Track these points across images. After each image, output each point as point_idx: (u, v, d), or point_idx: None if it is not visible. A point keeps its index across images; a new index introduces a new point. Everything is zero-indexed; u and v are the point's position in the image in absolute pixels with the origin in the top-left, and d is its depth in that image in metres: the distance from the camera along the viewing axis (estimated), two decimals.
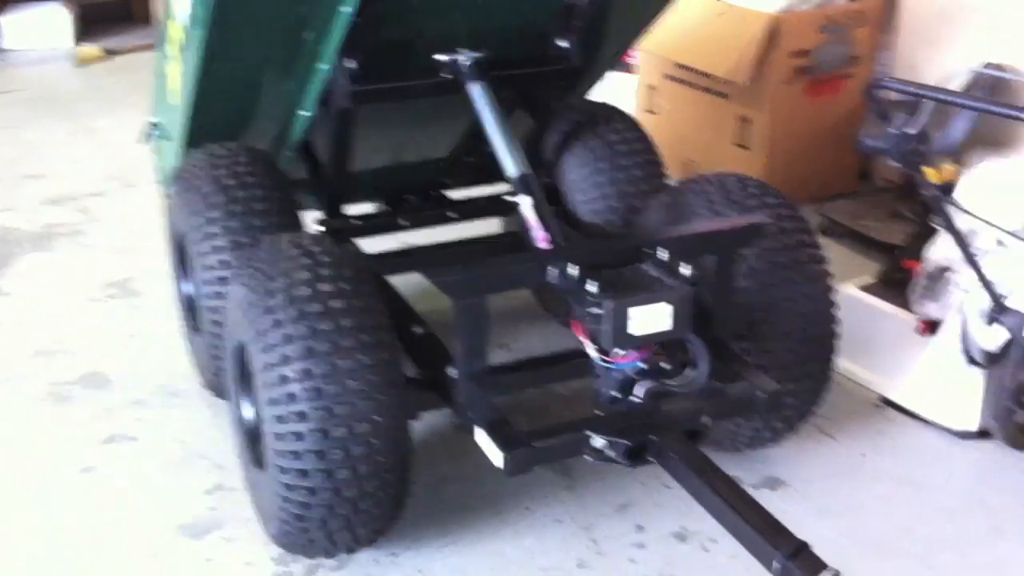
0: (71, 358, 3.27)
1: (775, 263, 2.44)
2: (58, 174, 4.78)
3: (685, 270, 2.15)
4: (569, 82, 2.98)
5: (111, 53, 6.59)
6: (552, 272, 2.14)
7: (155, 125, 3.51)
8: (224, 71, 2.76)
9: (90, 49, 6.56)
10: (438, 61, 2.69)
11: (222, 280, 2.67)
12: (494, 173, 3.61)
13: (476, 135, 3.34)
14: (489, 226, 3.43)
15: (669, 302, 2.07)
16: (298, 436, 2.11)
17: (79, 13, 6.89)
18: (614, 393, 2.17)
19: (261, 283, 2.23)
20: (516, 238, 3.16)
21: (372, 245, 3.13)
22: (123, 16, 7.34)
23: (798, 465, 2.67)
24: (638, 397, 2.14)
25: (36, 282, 3.78)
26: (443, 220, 3.23)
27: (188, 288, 3.04)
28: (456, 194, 3.35)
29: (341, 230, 3.03)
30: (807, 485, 2.61)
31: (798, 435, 2.67)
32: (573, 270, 2.13)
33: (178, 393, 3.07)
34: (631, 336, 2.06)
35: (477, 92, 2.65)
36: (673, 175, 3.53)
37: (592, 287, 2.08)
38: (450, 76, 2.69)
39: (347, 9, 2.44)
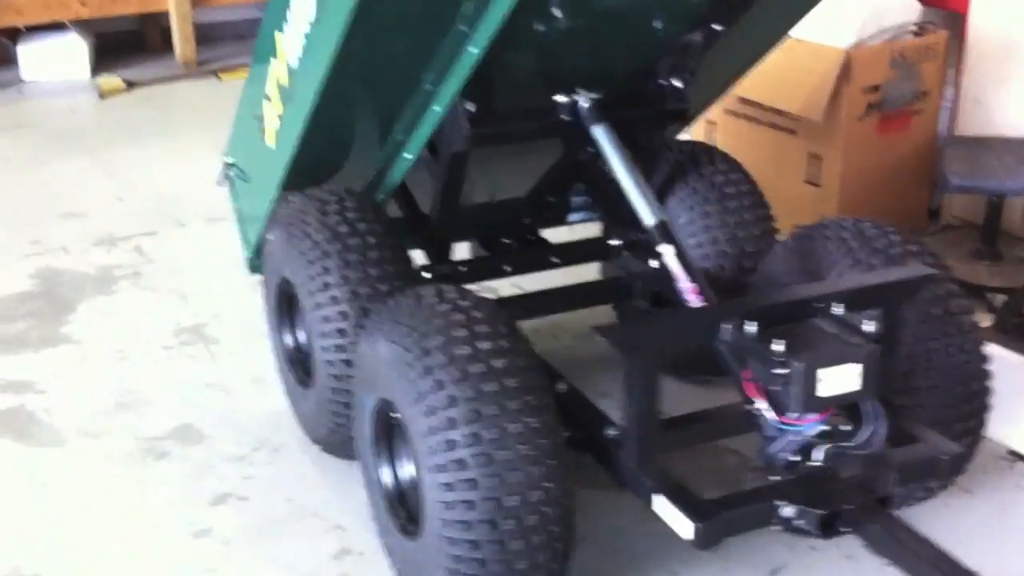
0: (157, 411, 3.15)
1: (929, 315, 2.38)
2: (101, 212, 4.64)
3: (868, 326, 2.08)
4: (679, 123, 2.91)
5: (131, 85, 6.45)
6: (726, 329, 2.07)
7: (231, 165, 3.41)
8: (336, 115, 2.68)
9: (111, 81, 6.42)
10: (557, 103, 2.62)
11: (342, 333, 2.58)
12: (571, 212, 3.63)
13: (560, 173, 3.29)
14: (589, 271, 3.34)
15: (858, 362, 2.00)
16: (469, 505, 2.01)
17: (94, 43, 6.75)
18: (792, 456, 2.09)
19: (414, 341, 2.14)
20: (620, 283, 3.09)
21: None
22: (136, 45, 7.20)
23: (940, 520, 2.60)
24: (818, 461, 2.07)
25: (104, 329, 3.65)
26: (546, 265, 3.14)
27: (293, 339, 2.94)
28: (552, 236, 3.27)
29: (449, 277, 2.94)
30: (955, 543, 2.53)
31: None
32: (751, 327, 2.05)
33: (279, 448, 2.95)
34: (819, 398, 1.99)
35: (601, 135, 2.58)
36: None
37: (778, 346, 2.00)
38: (568, 118, 2.62)
39: (475, 51, 2.36)
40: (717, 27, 2.61)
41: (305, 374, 2.88)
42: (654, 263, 2.95)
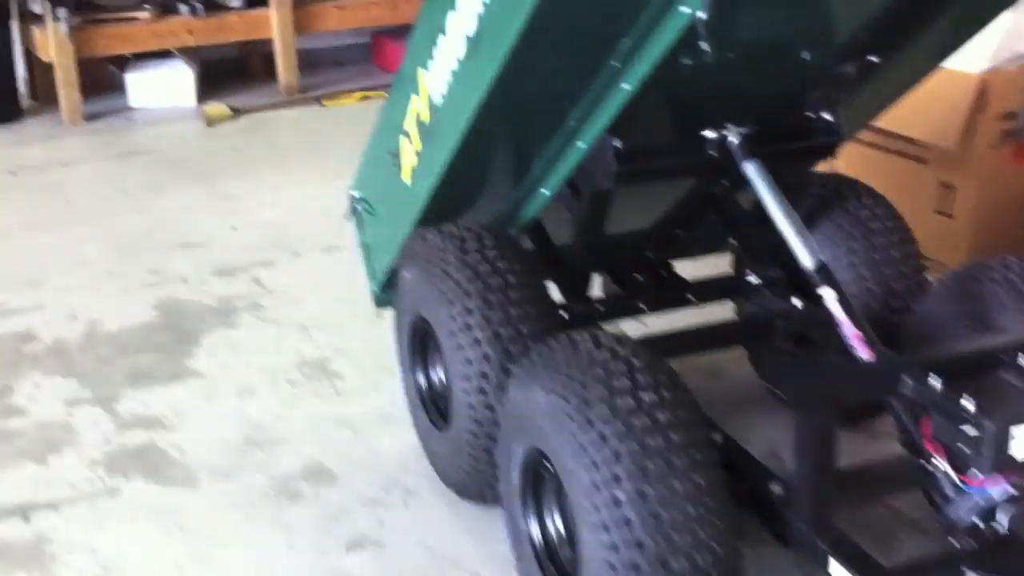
0: (286, 449, 3.12)
1: None
2: (217, 242, 4.66)
3: None
4: (829, 157, 2.81)
5: (237, 112, 6.51)
6: (908, 382, 1.96)
7: (359, 200, 3.38)
8: (478, 153, 2.63)
9: (218, 108, 6.49)
10: (706, 139, 2.54)
11: (484, 376, 2.52)
12: (699, 246, 3.53)
13: (692, 206, 3.19)
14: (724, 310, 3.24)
15: None
16: (635, 568, 1.93)
17: (198, 70, 6.82)
18: (974, 519, 1.97)
19: (573, 391, 2.08)
20: (758, 323, 2.99)
21: None
22: (240, 72, 7.29)
23: None
24: (1002, 525, 1.95)
25: (227, 362, 3.64)
26: (682, 302, 3.05)
27: (428, 379, 2.89)
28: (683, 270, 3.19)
29: (587, 316, 2.87)
30: None
31: None
32: (935, 381, 1.95)
33: (413, 491, 2.90)
34: (1012, 459, 1.87)
35: (753, 172, 2.49)
36: None
37: (968, 403, 1.89)
38: (716, 154, 2.53)
39: (628, 87, 2.30)
40: (874, 59, 2.50)
41: (440, 416, 2.83)
42: (797, 302, 2.89)
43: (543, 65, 2.27)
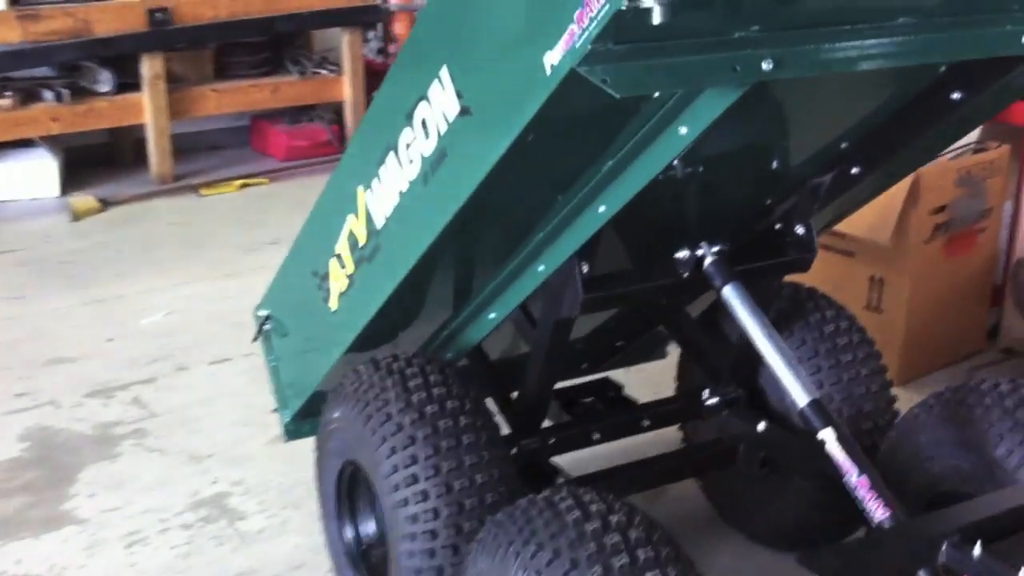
0: None
1: None
2: (90, 356, 4.20)
3: None
4: (800, 272, 2.59)
5: (106, 204, 6.04)
6: (947, 550, 1.72)
7: (268, 319, 3.02)
8: (424, 280, 2.32)
9: (85, 200, 6.00)
10: (678, 260, 2.29)
11: (433, 535, 2.19)
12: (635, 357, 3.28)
13: (636, 320, 2.96)
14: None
15: None
16: None
17: (63, 159, 6.34)
18: None
19: (564, 571, 1.76)
20: (722, 448, 2.73)
21: None
22: (108, 160, 6.80)
23: None
24: None
25: (110, 504, 3.21)
26: (637, 429, 2.78)
27: (357, 532, 2.54)
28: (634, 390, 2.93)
29: (539, 451, 2.57)
30: None
31: None
32: (976, 547, 1.71)
33: None
34: None
35: (733, 296, 2.24)
36: None
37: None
38: (688, 274, 2.29)
39: (605, 210, 2.03)
40: (855, 170, 2.30)
41: (373, 573, 2.48)
42: (761, 425, 2.65)
43: (516, 189, 1.99)
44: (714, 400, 2.73)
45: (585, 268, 2.19)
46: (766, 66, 1.61)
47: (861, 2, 1.70)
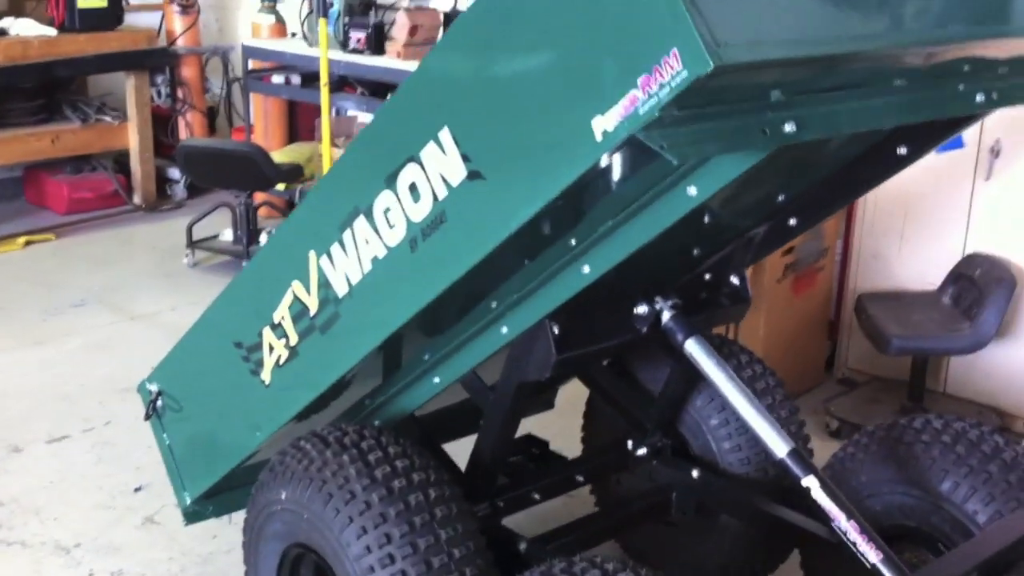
0: None
1: None
2: None
3: None
4: (735, 322, 2.65)
5: None
6: None
7: (160, 394, 2.80)
8: (387, 347, 2.22)
9: None
10: (637, 315, 2.30)
11: None
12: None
13: None
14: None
15: None
16: None
17: None
18: None
19: None
20: (656, 498, 2.74)
21: None
22: None
23: None
24: None
25: None
26: (572, 485, 2.76)
27: None
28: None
29: (492, 516, 2.50)
30: None
31: None
32: None
33: None
34: None
35: (696, 349, 2.27)
36: None
37: None
38: (645, 330, 2.30)
39: (588, 270, 2.01)
40: (792, 222, 2.38)
41: None
42: (695, 472, 2.69)
43: (515, 251, 1.93)
44: (643, 451, 2.75)
45: (556, 329, 2.16)
46: (789, 128, 1.65)
47: (866, 67, 1.77)
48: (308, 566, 2.41)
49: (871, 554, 2.03)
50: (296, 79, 6.05)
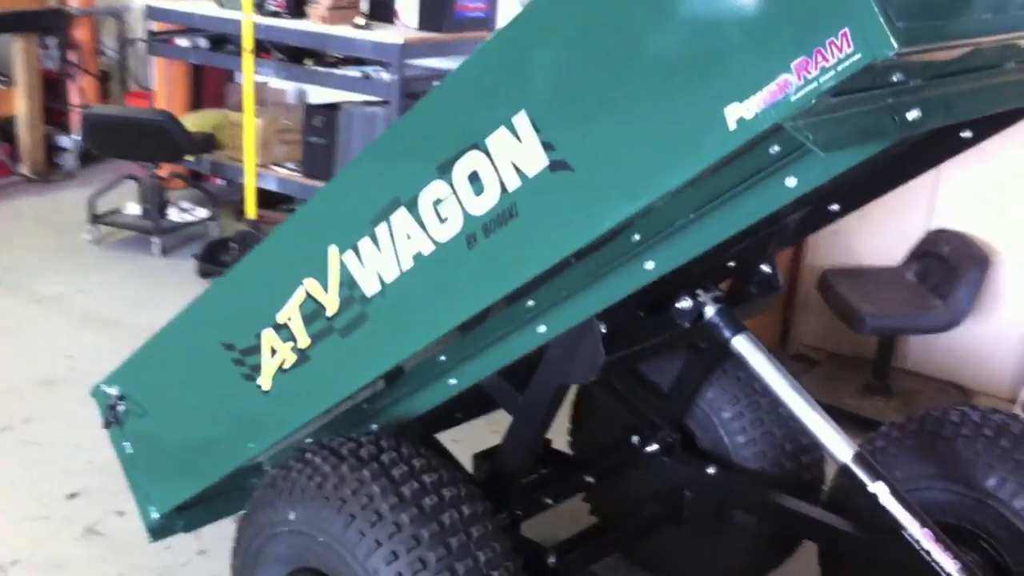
0: None
1: None
2: None
3: None
4: (765, 312, 2.50)
5: None
6: None
7: (120, 398, 2.52)
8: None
9: None
10: (679, 310, 2.12)
11: None
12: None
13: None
14: None
15: None
16: None
17: None
18: None
19: None
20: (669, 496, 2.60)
21: None
22: None
23: None
24: None
25: None
26: (582, 486, 2.59)
27: None
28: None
29: (512, 526, 2.30)
30: None
31: None
32: None
33: None
34: None
35: (746, 346, 2.10)
36: None
37: None
38: (688, 324, 2.13)
39: (653, 266, 1.83)
40: (834, 207, 2.24)
41: None
42: (712, 469, 2.55)
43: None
44: (653, 447, 2.59)
45: (604, 328, 1.98)
46: (914, 115, 1.50)
47: (987, 50, 1.63)
48: None
49: (948, 563, 1.92)
50: (203, 42, 5.67)
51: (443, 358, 2.14)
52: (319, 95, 5.74)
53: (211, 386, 2.30)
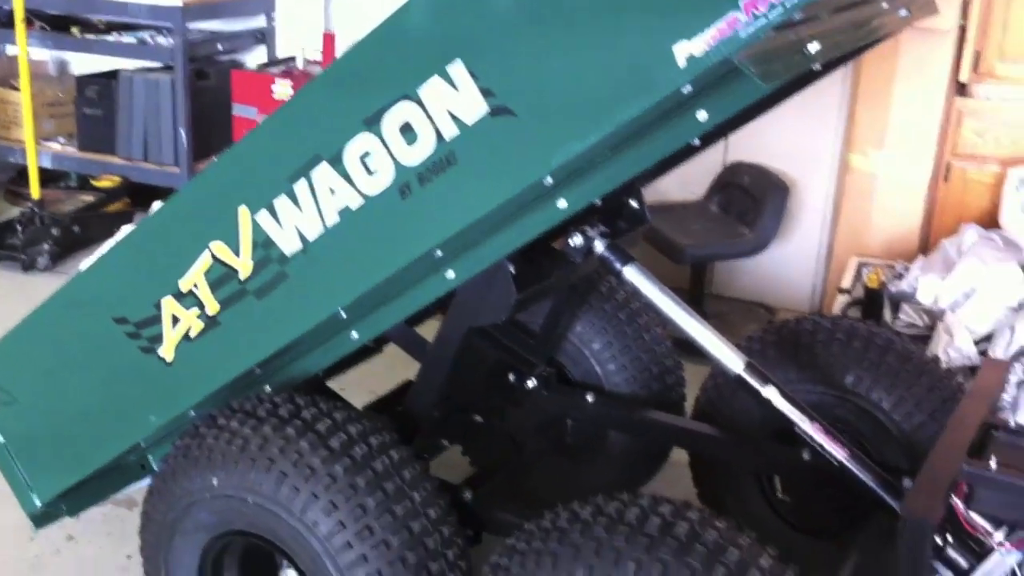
0: None
1: None
2: None
3: None
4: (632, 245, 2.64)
5: None
6: (966, 470, 1.92)
7: None
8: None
9: None
10: (572, 247, 2.23)
11: None
12: None
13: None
14: None
15: None
16: None
17: None
18: None
19: None
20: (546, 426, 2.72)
21: None
22: None
23: None
24: None
25: None
26: (473, 427, 2.66)
27: None
28: None
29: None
30: None
31: None
32: (991, 461, 1.92)
33: None
34: None
35: (636, 275, 2.23)
36: None
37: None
38: (580, 260, 2.24)
39: (564, 205, 1.92)
40: (697, 142, 2.39)
41: None
42: (590, 397, 2.68)
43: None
44: (532, 383, 2.70)
45: (513, 269, 2.06)
46: (814, 48, 1.64)
47: None
48: (233, 555, 2.18)
49: (838, 452, 2.13)
50: None
51: (344, 315, 2.16)
52: (84, 64, 5.47)
53: (101, 364, 2.23)
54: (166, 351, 2.13)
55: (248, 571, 2.23)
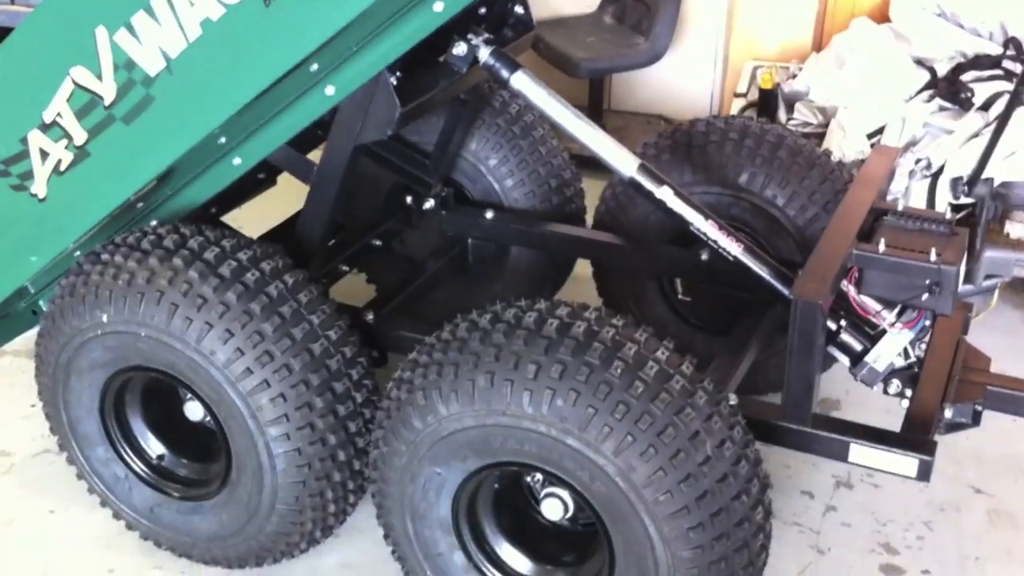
0: None
1: None
2: None
3: None
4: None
5: None
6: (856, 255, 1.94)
7: None
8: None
9: None
10: (456, 56, 2.15)
11: (309, 407, 1.95)
12: None
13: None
14: None
15: None
16: None
17: None
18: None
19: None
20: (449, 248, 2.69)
21: None
22: None
23: None
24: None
25: None
26: (371, 251, 2.63)
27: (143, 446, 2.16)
28: None
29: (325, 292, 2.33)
30: None
31: None
32: (881, 243, 1.94)
33: None
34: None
35: (525, 82, 2.16)
36: None
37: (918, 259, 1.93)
38: (464, 69, 2.16)
39: (441, 9, 1.86)
40: None
41: (197, 484, 2.15)
42: (489, 214, 2.65)
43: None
44: (430, 204, 2.66)
45: (394, 80, 1.99)
46: None
47: None
48: (134, 391, 2.15)
49: (733, 247, 2.13)
50: None
51: (223, 139, 2.07)
52: None
53: None
54: (38, 187, 2.03)
55: (153, 407, 2.21)
